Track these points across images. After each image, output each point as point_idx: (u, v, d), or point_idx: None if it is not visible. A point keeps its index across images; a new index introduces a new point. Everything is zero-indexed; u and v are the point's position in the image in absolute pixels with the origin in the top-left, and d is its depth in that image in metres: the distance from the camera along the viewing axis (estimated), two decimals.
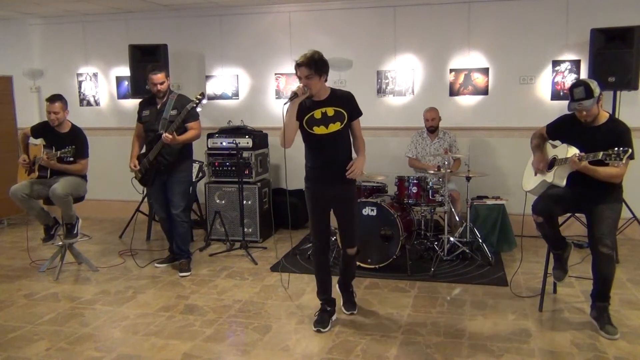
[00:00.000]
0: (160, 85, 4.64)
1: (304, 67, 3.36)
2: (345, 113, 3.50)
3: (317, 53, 3.41)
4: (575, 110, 3.43)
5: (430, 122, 5.53)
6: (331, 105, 3.49)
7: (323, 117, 3.49)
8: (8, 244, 5.94)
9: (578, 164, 3.33)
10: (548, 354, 3.24)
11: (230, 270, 4.90)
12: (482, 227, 5.22)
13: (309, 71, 3.36)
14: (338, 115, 3.49)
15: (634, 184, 4.79)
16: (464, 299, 4.14)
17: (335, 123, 3.48)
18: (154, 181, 4.77)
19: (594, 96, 3.35)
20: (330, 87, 3.57)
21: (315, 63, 3.36)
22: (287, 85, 6.43)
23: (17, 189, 4.64)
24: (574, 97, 3.40)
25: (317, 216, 3.63)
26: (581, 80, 3.46)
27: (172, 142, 4.51)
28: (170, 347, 3.39)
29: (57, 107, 4.66)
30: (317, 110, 3.49)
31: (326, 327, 3.61)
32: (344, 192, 3.59)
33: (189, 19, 6.61)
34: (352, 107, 3.54)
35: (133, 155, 4.82)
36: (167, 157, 4.68)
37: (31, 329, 3.69)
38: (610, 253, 3.38)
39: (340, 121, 3.49)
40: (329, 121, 3.48)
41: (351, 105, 3.54)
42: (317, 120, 3.50)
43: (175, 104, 4.67)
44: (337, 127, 3.48)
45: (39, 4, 6.17)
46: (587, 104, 3.36)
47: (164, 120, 4.62)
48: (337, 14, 6.22)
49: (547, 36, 5.68)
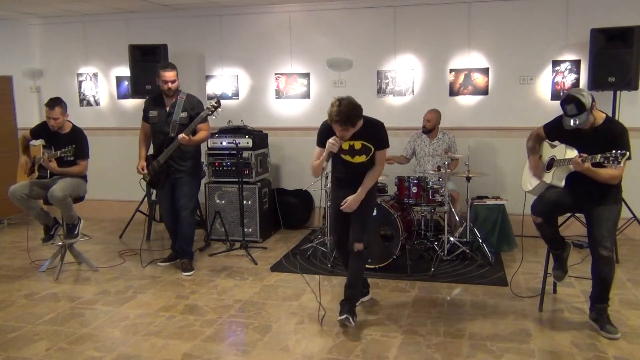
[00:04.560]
0: (171, 84, 4.57)
1: (337, 124, 3.45)
2: (371, 147, 3.65)
3: (350, 105, 3.42)
4: (570, 127, 3.39)
5: (425, 123, 5.54)
6: (360, 138, 3.62)
7: (350, 149, 3.66)
8: (8, 244, 5.94)
9: (581, 165, 3.31)
10: (548, 354, 3.24)
11: (230, 270, 4.90)
12: (482, 227, 5.22)
13: (343, 126, 3.45)
14: (364, 149, 3.65)
15: (633, 184, 4.80)
16: (464, 299, 4.14)
17: (361, 156, 3.66)
18: (165, 184, 4.74)
19: (586, 109, 3.29)
20: (364, 117, 3.59)
21: (351, 119, 3.43)
22: (287, 85, 6.44)
23: (16, 189, 4.64)
24: (566, 112, 3.37)
25: (336, 215, 3.86)
26: (572, 96, 3.33)
27: (188, 143, 4.51)
28: (170, 347, 3.39)
29: (56, 112, 4.63)
30: (346, 143, 3.62)
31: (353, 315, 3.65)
32: (361, 203, 3.70)
33: (189, 19, 6.61)
34: (379, 141, 3.66)
35: (141, 156, 4.76)
36: (177, 160, 4.65)
37: (31, 329, 3.69)
38: (609, 255, 3.38)
39: (365, 154, 3.66)
40: (355, 154, 3.66)
41: (380, 139, 3.66)
42: (345, 150, 3.66)
43: (185, 105, 4.62)
44: (362, 159, 3.68)
45: (39, 4, 6.17)
46: (581, 120, 3.31)
47: (174, 123, 4.57)
48: (337, 14, 6.22)
49: (547, 36, 5.68)
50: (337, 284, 4.45)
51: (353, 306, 3.71)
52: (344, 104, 3.41)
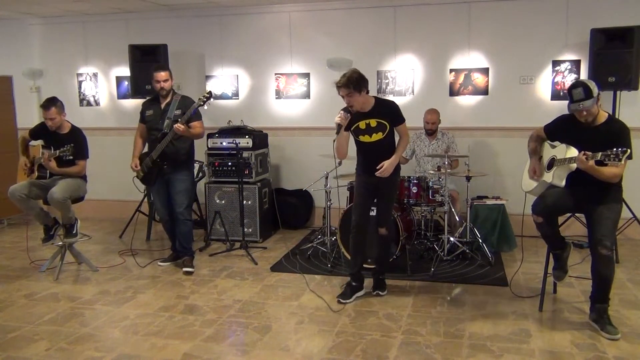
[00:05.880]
0: (164, 83, 4.67)
1: (343, 88, 3.79)
2: (387, 124, 3.93)
3: (355, 72, 3.82)
4: (575, 111, 3.43)
5: (430, 126, 5.53)
6: (374, 116, 3.93)
7: (367, 128, 3.95)
8: (8, 244, 5.94)
9: (585, 162, 3.31)
10: (548, 354, 3.24)
11: (230, 270, 4.90)
12: (482, 227, 5.22)
13: (348, 90, 3.78)
14: (380, 126, 3.93)
15: (634, 184, 4.80)
16: (464, 299, 4.14)
17: (378, 133, 3.94)
18: (156, 180, 4.78)
19: (593, 96, 3.35)
20: (375, 98, 4.01)
21: (353, 82, 3.76)
22: (287, 85, 6.44)
23: (16, 189, 4.64)
24: (573, 98, 3.40)
25: (360, 198, 4.12)
26: (579, 81, 3.46)
27: (183, 133, 4.55)
28: (170, 347, 3.39)
29: (52, 112, 4.63)
30: (362, 122, 3.95)
31: (346, 299, 4.05)
32: (386, 182, 3.99)
33: (189, 19, 6.61)
34: (393, 117, 3.95)
35: (135, 155, 4.84)
36: (170, 156, 4.69)
37: (31, 329, 3.68)
38: (609, 255, 3.38)
39: (382, 131, 3.94)
40: (372, 131, 3.95)
41: (393, 115, 3.96)
42: (362, 130, 3.97)
43: (179, 105, 4.70)
44: (379, 137, 3.95)
45: (39, 4, 6.17)
46: (586, 104, 3.36)
47: (168, 120, 4.64)
48: (337, 14, 6.22)
49: (547, 36, 5.68)
50: (337, 284, 4.45)
51: (381, 281, 4.24)
52: (350, 70, 3.85)
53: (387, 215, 4.15)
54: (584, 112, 3.40)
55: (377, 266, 4.29)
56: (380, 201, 4.13)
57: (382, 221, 4.15)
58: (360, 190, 4.12)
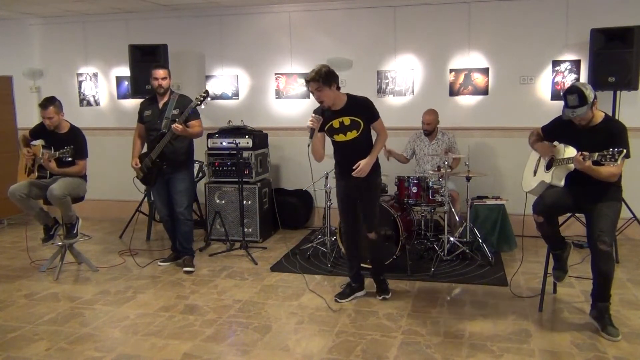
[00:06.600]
0: (162, 80, 4.68)
1: (312, 82, 3.71)
2: (361, 121, 3.82)
3: (324, 67, 3.74)
4: (568, 117, 3.42)
5: (426, 126, 5.52)
6: (347, 114, 3.83)
7: (341, 126, 3.85)
8: (8, 244, 5.94)
9: (582, 163, 3.31)
10: (548, 354, 3.24)
11: (230, 270, 4.90)
12: (482, 227, 5.22)
13: (317, 84, 3.69)
14: (354, 124, 3.83)
15: (633, 184, 4.80)
16: (464, 299, 4.14)
17: (352, 131, 3.84)
18: (156, 180, 4.78)
19: (587, 102, 3.32)
20: (347, 95, 3.88)
21: (322, 76, 3.68)
22: (287, 85, 6.44)
23: (16, 188, 4.64)
24: (568, 103, 3.39)
25: (343, 204, 4.07)
26: (575, 87, 3.39)
27: (182, 133, 4.55)
28: (170, 347, 3.39)
29: (50, 112, 4.63)
30: (335, 120, 3.84)
31: (343, 298, 4.07)
32: (365, 184, 3.89)
33: (189, 19, 6.61)
34: (368, 114, 3.85)
35: (134, 154, 4.84)
36: (169, 156, 4.69)
37: (31, 329, 3.69)
38: (608, 250, 3.38)
39: (356, 129, 3.83)
40: (346, 129, 3.84)
41: (367, 112, 3.86)
42: (336, 129, 3.86)
43: (177, 104, 4.70)
44: (354, 135, 3.84)
45: (39, 4, 6.17)
46: (580, 112, 3.34)
47: (166, 120, 4.64)
48: (337, 14, 6.22)
49: (547, 36, 5.68)
50: (337, 284, 4.45)
51: (383, 283, 4.19)
52: (319, 65, 3.76)
53: (372, 220, 4.03)
54: (578, 118, 3.39)
55: (373, 269, 4.26)
56: (362, 205, 4.01)
57: (369, 226, 4.04)
58: (342, 197, 4.05)
